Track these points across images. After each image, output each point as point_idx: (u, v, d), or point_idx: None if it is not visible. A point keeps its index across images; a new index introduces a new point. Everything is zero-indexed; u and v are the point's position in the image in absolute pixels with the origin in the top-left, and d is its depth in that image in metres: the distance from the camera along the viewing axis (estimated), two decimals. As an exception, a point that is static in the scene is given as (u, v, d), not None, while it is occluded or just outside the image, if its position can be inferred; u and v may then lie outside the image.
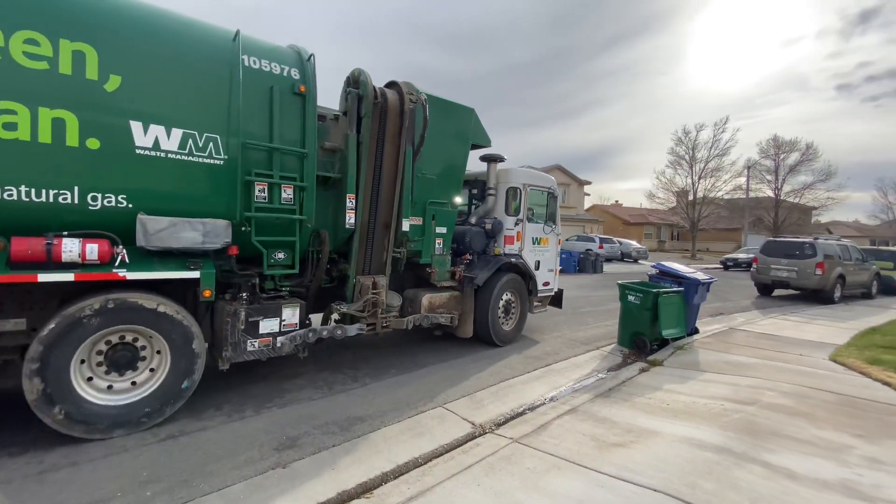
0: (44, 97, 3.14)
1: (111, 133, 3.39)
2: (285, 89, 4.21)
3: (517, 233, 6.79)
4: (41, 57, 3.14)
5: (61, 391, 3.16)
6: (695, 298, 6.90)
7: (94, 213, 3.38)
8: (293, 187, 4.22)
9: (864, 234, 50.54)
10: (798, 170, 38.68)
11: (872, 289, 14.13)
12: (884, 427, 3.83)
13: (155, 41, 3.63)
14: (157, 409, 3.57)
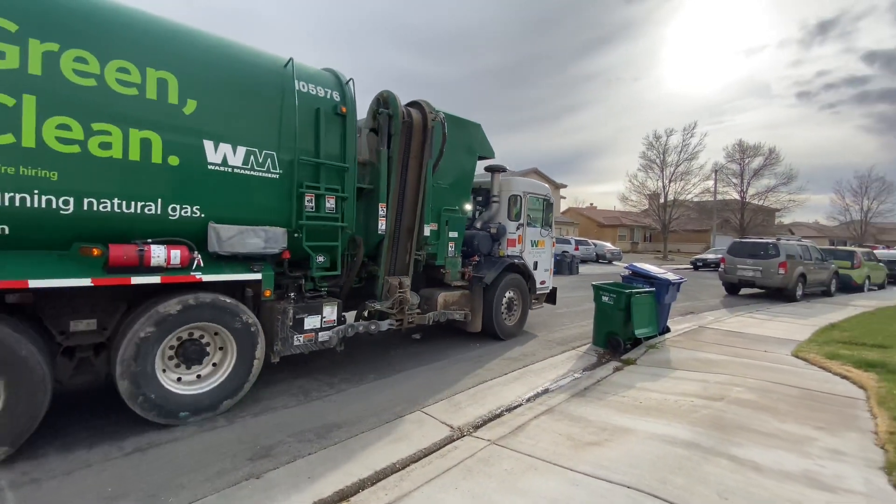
0: (134, 119, 3.51)
1: (188, 151, 3.79)
2: (329, 110, 4.70)
3: (518, 236, 7.51)
4: (131, 84, 3.50)
5: (147, 380, 3.54)
6: (666, 298, 7.09)
7: (173, 222, 3.76)
8: (335, 198, 4.72)
9: (824, 234, 53.00)
10: (762, 173, 40.39)
11: (832, 286, 14.81)
12: (843, 419, 4.01)
13: (223, 68, 4.08)
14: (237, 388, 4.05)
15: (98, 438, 3.46)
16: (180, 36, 3.93)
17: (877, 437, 3.61)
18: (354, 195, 4.96)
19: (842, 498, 2.77)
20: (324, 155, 4.62)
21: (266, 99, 4.30)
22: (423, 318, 5.98)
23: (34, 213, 3.16)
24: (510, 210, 7.48)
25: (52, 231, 3.31)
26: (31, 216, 3.16)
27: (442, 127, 5.86)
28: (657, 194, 40.36)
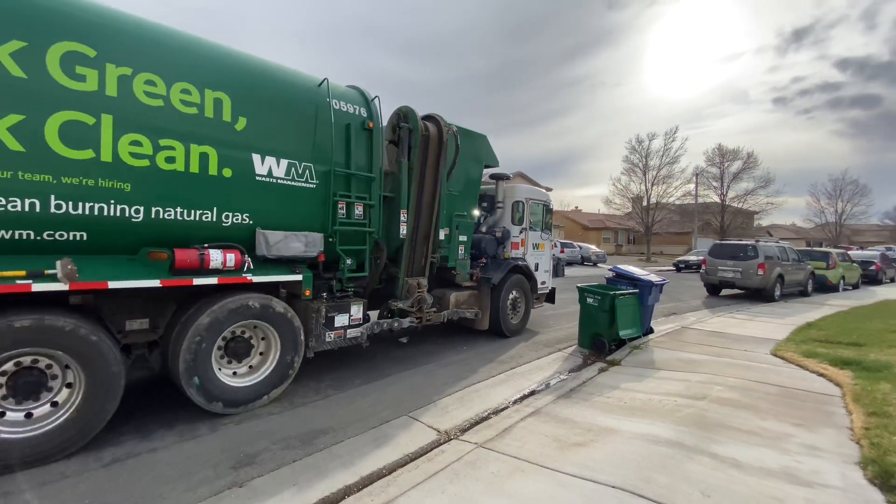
0: (194, 136, 3.86)
1: (239, 164, 4.16)
2: (358, 125, 5.11)
3: (521, 239, 8.00)
4: (192, 103, 3.86)
5: (202, 372, 3.88)
6: (649, 299, 7.20)
7: (225, 228, 4.13)
8: (363, 205, 5.14)
9: (801, 236, 54.49)
10: (741, 177, 41.38)
11: (808, 287, 15.21)
12: (820, 416, 4.12)
13: (268, 88, 4.47)
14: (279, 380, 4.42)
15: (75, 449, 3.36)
16: (232, 59, 4.36)
17: (852, 433, 3.71)
18: (380, 203, 5.39)
19: (819, 493, 2.84)
20: (354, 166, 5.04)
21: (304, 115, 4.70)
22: (439, 316, 6.41)
23: (109, 221, 3.51)
24: (513, 215, 7.95)
25: (124, 237, 3.66)
26: (106, 224, 3.50)
27: (455, 139, 6.31)
28: (640, 197, 41.02)
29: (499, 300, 7.21)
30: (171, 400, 4.35)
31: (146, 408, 4.18)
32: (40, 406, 3.21)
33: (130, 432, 3.63)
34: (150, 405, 4.25)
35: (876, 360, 5.79)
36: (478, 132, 7.07)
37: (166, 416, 3.97)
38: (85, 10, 3.50)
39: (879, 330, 8.31)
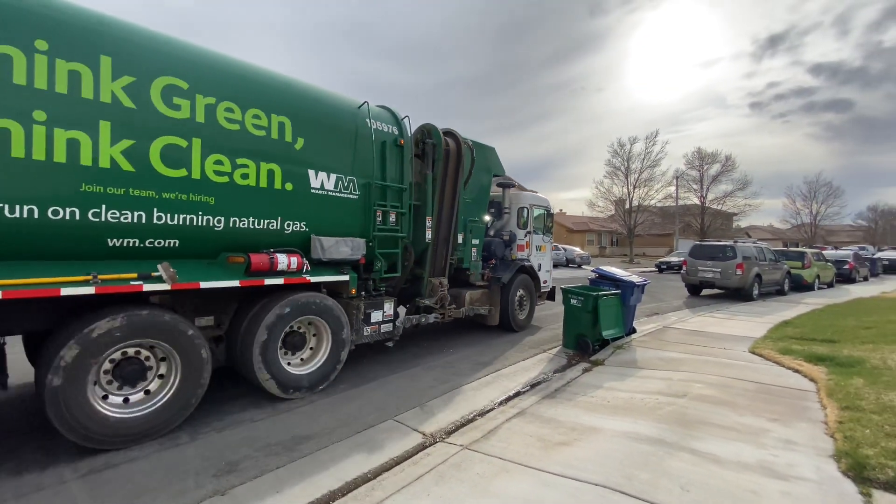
0: (263, 155, 4.43)
1: (298, 179, 4.74)
2: (391, 143, 5.72)
3: (526, 242, 8.69)
4: (262, 127, 4.42)
5: (274, 363, 4.44)
6: (631, 300, 7.31)
7: (287, 235, 4.68)
8: (396, 213, 5.76)
9: (778, 236, 55.94)
10: (719, 179, 42.37)
11: (785, 286, 15.61)
12: (795, 411, 4.23)
13: (319, 111, 5.07)
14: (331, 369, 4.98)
15: (51, 460, 3.27)
16: (292, 87, 4.94)
17: (826, 427, 3.82)
18: (410, 210, 6.03)
19: (794, 485, 2.92)
20: (389, 179, 5.66)
21: (348, 134, 5.28)
22: (458, 312, 7.12)
23: (197, 229, 4.03)
24: (519, 220, 8.67)
25: (208, 244, 4.20)
26: (195, 232, 4.02)
27: (471, 152, 7.09)
28: (623, 200, 41.66)
29: (508, 298, 7.88)
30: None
31: (125, 417, 4.09)
32: (136, 393, 3.67)
33: (109, 442, 3.55)
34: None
35: (849, 355, 5.97)
36: (487, 145, 7.67)
37: (146, 425, 3.89)
38: (180, 48, 4.12)
39: (852, 327, 8.57)
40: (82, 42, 3.45)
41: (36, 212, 3.23)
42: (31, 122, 3.17)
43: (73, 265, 3.42)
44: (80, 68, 3.40)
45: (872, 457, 3.14)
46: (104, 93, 3.49)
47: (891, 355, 5.92)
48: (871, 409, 4.02)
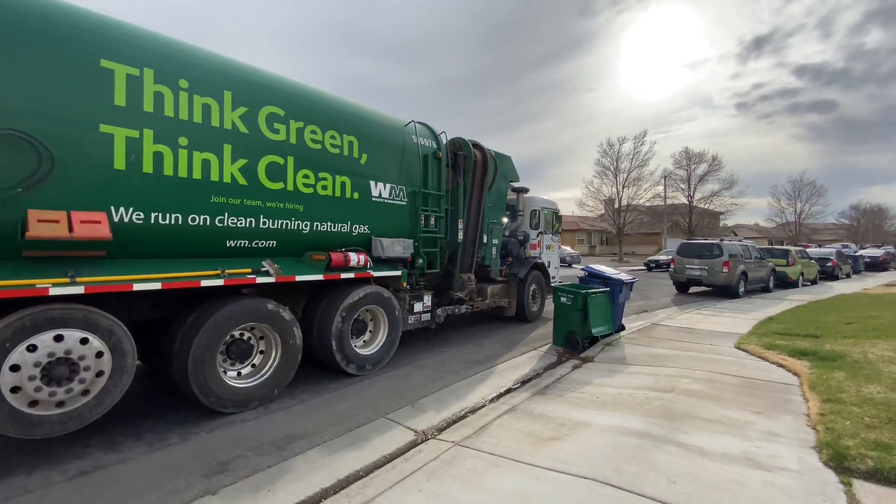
0: (338, 169, 5.29)
1: (363, 189, 5.61)
2: (431, 156, 6.68)
3: (538, 241, 9.72)
4: (337, 146, 5.29)
5: (345, 344, 5.24)
6: (620, 297, 7.40)
7: (353, 236, 5.54)
8: (435, 217, 6.66)
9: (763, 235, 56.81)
10: (706, 179, 42.90)
11: (770, 283, 15.88)
12: (778, 404, 4.33)
13: (376, 130, 5.94)
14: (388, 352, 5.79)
15: (38, 462, 3.23)
16: (356, 110, 5.80)
17: (808, 419, 3.91)
18: (447, 214, 6.92)
19: (777, 476, 3.00)
20: (430, 187, 6.61)
21: (397, 149, 6.15)
22: (483, 304, 8.01)
23: (290, 232, 4.85)
24: (531, 221, 9.66)
25: (296, 244, 5.01)
26: (288, 235, 4.85)
27: (494, 162, 7.93)
28: (612, 199, 42.01)
29: (523, 291, 8.74)
30: (140, 409, 4.24)
31: (114, 419, 4.05)
32: (245, 367, 4.43)
33: (97, 444, 3.52)
34: (117, 416, 4.12)
35: (831, 350, 6.11)
36: (505, 154, 8.46)
37: (135, 427, 3.86)
38: (277, 80, 4.98)
39: (834, 322, 8.77)
40: (211, 80, 4.25)
41: (180, 219, 3.97)
42: (178, 146, 3.94)
43: (203, 262, 4.18)
44: (210, 101, 4.18)
45: (853, 447, 3.23)
46: (227, 121, 4.30)
47: (871, 349, 6.07)
48: (852, 402, 4.12)
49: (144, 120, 3.75)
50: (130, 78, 3.69)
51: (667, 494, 2.75)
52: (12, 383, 2.97)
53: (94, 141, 3.51)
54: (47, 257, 3.35)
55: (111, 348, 3.36)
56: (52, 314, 3.11)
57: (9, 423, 2.98)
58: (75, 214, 3.27)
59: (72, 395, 3.20)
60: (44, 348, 3.07)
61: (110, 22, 3.77)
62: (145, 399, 4.54)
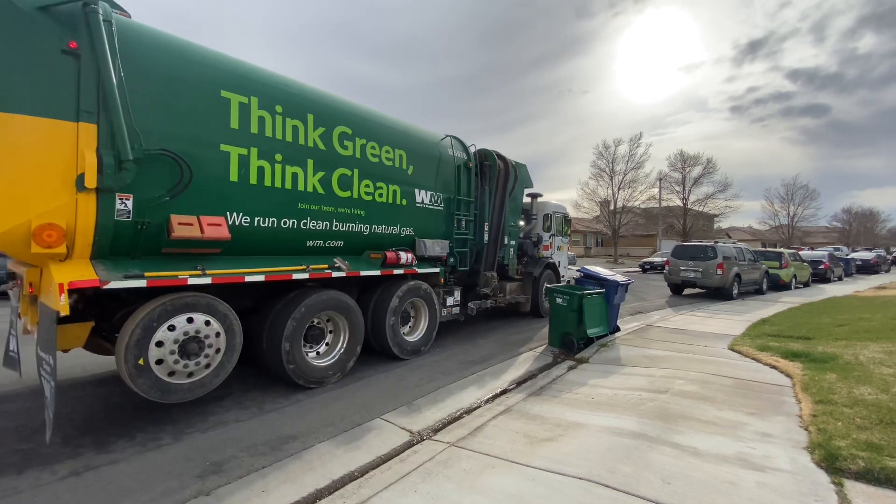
0: (391, 179, 6.08)
1: (409, 196, 6.41)
2: (462, 166, 7.54)
3: (550, 242, 10.44)
4: (391, 158, 6.08)
5: (396, 332, 6.04)
6: (615, 299, 7.43)
7: (401, 237, 6.30)
8: (465, 220, 7.48)
9: (757, 237, 57.22)
10: (701, 181, 43.09)
11: (763, 285, 15.99)
12: (772, 405, 4.36)
13: (419, 144, 6.71)
14: (428, 340, 6.60)
15: (28, 462, 3.20)
16: (404, 127, 6.58)
17: (801, 420, 3.94)
18: (475, 218, 7.71)
19: (770, 476, 3.01)
20: (461, 193, 7.44)
21: (435, 160, 6.96)
22: (504, 299, 8.84)
23: (354, 234, 5.60)
24: (544, 224, 10.44)
25: (358, 244, 5.73)
26: (352, 236, 5.60)
27: (514, 171, 8.62)
28: (607, 201, 42.15)
29: (538, 289, 9.49)
30: (132, 410, 4.21)
31: (105, 419, 4.02)
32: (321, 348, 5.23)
33: (88, 444, 3.49)
34: (108, 416, 4.09)
35: (823, 352, 6.16)
36: (521, 162, 9.14)
37: (127, 427, 3.83)
38: (346, 104, 5.71)
39: (826, 324, 8.84)
40: (299, 104, 4.99)
41: (275, 222, 4.71)
42: (275, 161, 4.67)
43: (290, 259, 4.86)
44: (298, 123, 4.93)
45: (844, 448, 3.25)
46: (310, 139, 5.04)
47: (862, 351, 6.13)
48: (844, 403, 4.15)
49: (251, 140, 4.49)
50: (241, 105, 4.43)
51: (661, 495, 2.76)
52: (157, 356, 3.65)
53: (217, 158, 4.24)
54: (179, 254, 4.04)
55: (225, 329, 4.08)
56: (185, 300, 3.83)
57: (154, 389, 3.64)
58: (203, 218, 4.01)
59: (199, 368, 3.91)
60: (180, 328, 3.77)
61: (226, 58, 4.56)
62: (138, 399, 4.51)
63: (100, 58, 3.45)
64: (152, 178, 3.78)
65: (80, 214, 3.45)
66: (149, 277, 3.66)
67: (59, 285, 3.20)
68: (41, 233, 3.28)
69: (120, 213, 3.63)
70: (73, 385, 4.92)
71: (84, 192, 3.43)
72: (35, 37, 3.29)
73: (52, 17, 3.36)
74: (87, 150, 3.43)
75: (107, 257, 3.70)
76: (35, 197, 3.29)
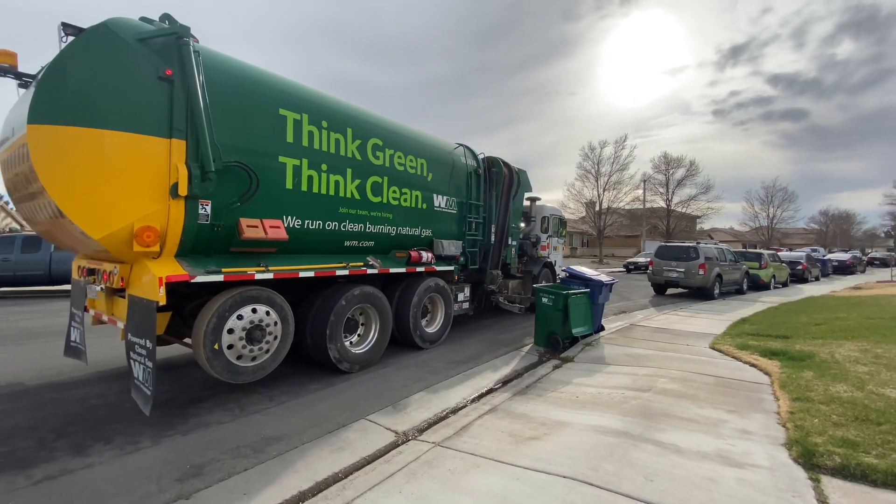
0: (414, 185, 6.73)
1: (429, 201, 7.08)
2: (472, 173, 8.22)
3: (547, 243, 11.14)
4: (414, 167, 6.75)
5: (419, 324, 6.71)
6: (599, 298, 7.50)
7: (421, 238, 6.96)
8: (475, 222, 8.19)
9: (738, 238, 58.40)
10: (684, 183, 43.87)
11: (744, 285, 16.33)
12: (751, 402, 4.45)
13: (438, 153, 7.40)
14: (444, 332, 7.26)
15: (2, 466, 3.10)
16: (424, 138, 7.26)
17: (779, 417, 4.03)
18: (484, 221, 8.40)
19: (749, 472, 3.07)
20: (472, 198, 8.14)
21: (449, 168, 7.60)
22: (507, 295, 9.38)
23: (383, 235, 6.24)
24: (542, 226, 11.10)
25: (386, 244, 6.37)
26: (382, 237, 6.23)
27: (518, 177, 9.28)
28: (593, 202, 42.60)
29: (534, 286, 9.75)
30: (110, 413, 4.11)
31: (81, 422, 3.92)
32: (355, 336, 5.87)
33: (64, 448, 3.39)
34: (85, 419, 3.98)
35: (800, 350, 6.31)
36: (522, 168, 9.74)
37: (104, 430, 3.74)
38: (377, 118, 6.33)
39: (804, 323, 9.06)
40: (340, 119, 5.57)
41: (320, 225, 5.32)
42: (321, 171, 5.27)
43: (330, 257, 5.46)
44: (339, 136, 5.51)
45: (821, 445, 3.33)
46: (349, 151, 5.63)
47: (838, 350, 6.29)
48: (820, 400, 4.26)
49: (303, 152, 5.06)
50: (295, 121, 5.00)
51: (643, 492, 2.80)
52: (228, 342, 4.20)
53: (276, 168, 4.80)
54: (244, 252, 4.60)
55: (281, 319, 4.64)
56: (250, 293, 4.38)
57: (226, 371, 4.20)
58: (265, 221, 4.56)
59: (261, 352, 4.45)
60: (247, 317, 4.32)
61: (282, 79, 5.14)
62: (115, 401, 4.40)
63: (190, 83, 3.98)
64: (227, 186, 4.32)
65: (171, 218, 3.98)
66: (225, 273, 4.25)
67: (158, 279, 3.75)
68: (142, 234, 3.80)
69: (201, 217, 4.17)
70: (49, 387, 4.79)
71: (176, 199, 3.97)
72: (136, 65, 3.78)
73: (150, 48, 3.88)
74: (178, 162, 3.97)
75: (187, 255, 4.21)
76: (137, 203, 3.81)
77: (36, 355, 6.00)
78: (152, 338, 3.73)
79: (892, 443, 3.34)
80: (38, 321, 8.52)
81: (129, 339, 4.01)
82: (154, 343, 3.72)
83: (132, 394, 3.95)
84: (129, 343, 4.00)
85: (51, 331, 7.54)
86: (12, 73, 4.16)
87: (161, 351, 6.28)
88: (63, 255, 11.94)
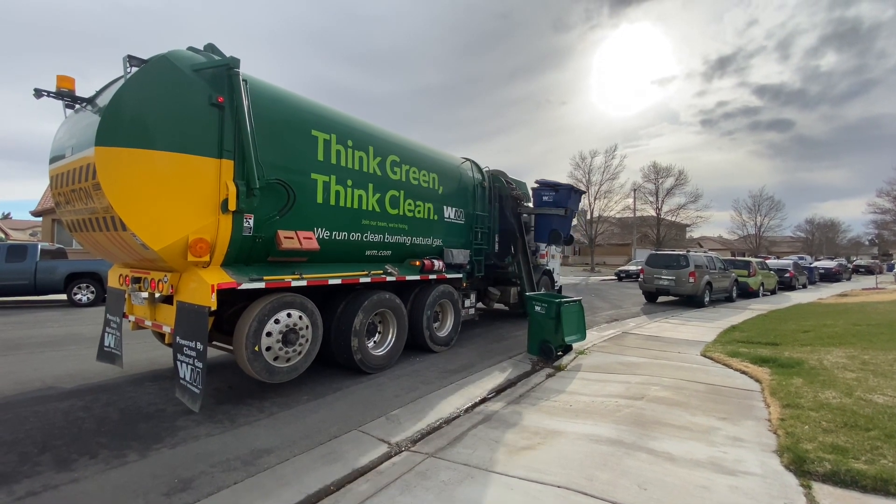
0: (427, 198, 7.18)
1: (439, 212, 7.52)
2: (478, 185, 8.67)
3: (546, 251, 11.66)
4: (427, 181, 7.19)
5: (431, 328, 7.03)
6: (570, 203, 8.95)
7: (432, 247, 7.37)
8: (481, 232, 8.63)
9: (726, 246, 59.15)
10: (673, 192, 44.47)
11: (733, 293, 16.51)
12: (742, 409, 4.48)
13: (447, 167, 7.84)
14: (454, 336, 7.63)
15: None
16: (435, 154, 7.71)
17: (770, 424, 4.06)
18: (489, 231, 8.87)
19: (742, 480, 3.08)
20: (478, 209, 8.60)
21: (457, 180, 8.04)
22: (509, 302, 10.17)
23: (399, 245, 6.65)
24: None
25: (401, 253, 6.78)
26: (398, 247, 6.64)
27: (518, 188, 9.84)
28: (584, 211, 42.93)
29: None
30: (95, 426, 4.02)
31: (65, 435, 3.83)
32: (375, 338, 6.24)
33: (48, 462, 3.31)
34: (69, 432, 3.89)
35: (790, 357, 6.38)
36: (521, 180, 10.49)
37: (89, 444, 3.65)
38: (394, 136, 6.78)
39: (792, 330, 9.17)
40: (363, 138, 5.99)
41: (346, 236, 5.73)
42: (347, 186, 5.67)
43: (352, 266, 5.84)
44: (362, 154, 5.93)
45: (811, 451, 3.36)
46: (371, 167, 6.05)
47: (826, 356, 6.37)
48: (809, 407, 4.30)
49: (331, 169, 5.46)
50: (325, 141, 5.40)
51: (637, 501, 2.79)
52: (266, 344, 4.52)
53: (309, 184, 5.20)
54: (280, 262, 4.97)
55: (312, 323, 4.97)
56: (286, 299, 4.73)
57: (265, 371, 4.52)
58: (299, 233, 4.94)
59: (295, 354, 4.79)
60: (283, 321, 4.65)
61: (313, 103, 5.54)
62: (101, 414, 4.31)
63: (238, 109, 4.36)
64: (268, 201, 4.68)
65: (220, 231, 4.35)
66: (266, 280, 4.61)
67: (210, 286, 4.11)
68: (195, 245, 4.15)
69: (245, 230, 4.55)
70: (33, 399, 4.68)
71: (225, 213, 4.35)
72: (192, 93, 4.18)
73: (203, 77, 4.27)
74: (228, 180, 4.35)
75: (231, 265, 4.58)
76: (191, 217, 4.17)
77: (19, 367, 5.87)
78: (203, 340, 4.05)
79: (880, 448, 3.38)
80: (21, 331, 8.35)
81: (177, 341, 4.28)
82: (205, 345, 4.05)
83: (177, 394, 4.27)
84: (176, 346, 4.27)
85: (34, 342, 7.39)
86: (69, 97, 4.46)
87: (149, 363, 6.19)
88: (49, 265, 11.75)
